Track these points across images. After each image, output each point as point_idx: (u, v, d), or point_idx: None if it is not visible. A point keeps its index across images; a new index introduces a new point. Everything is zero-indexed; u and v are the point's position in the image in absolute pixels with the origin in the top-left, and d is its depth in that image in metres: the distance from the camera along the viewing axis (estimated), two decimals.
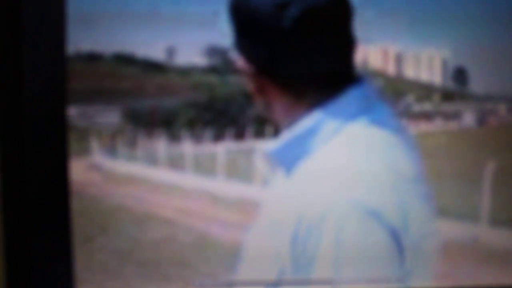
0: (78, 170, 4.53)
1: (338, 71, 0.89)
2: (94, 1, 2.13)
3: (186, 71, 3.49)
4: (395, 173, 0.85)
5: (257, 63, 0.91)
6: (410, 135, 0.92)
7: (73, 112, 4.00)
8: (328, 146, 0.89)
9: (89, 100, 3.61)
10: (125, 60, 3.25)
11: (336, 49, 0.89)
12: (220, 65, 3.31)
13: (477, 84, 3.74)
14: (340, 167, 0.87)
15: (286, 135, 0.90)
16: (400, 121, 0.91)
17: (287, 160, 0.93)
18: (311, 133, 0.90)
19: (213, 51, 2.66)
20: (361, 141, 0.88)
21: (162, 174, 5.10)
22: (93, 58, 2.98)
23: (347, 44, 0.91)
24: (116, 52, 2.99)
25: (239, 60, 0.90)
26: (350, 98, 0.89)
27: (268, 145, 0.92)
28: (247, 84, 0.92)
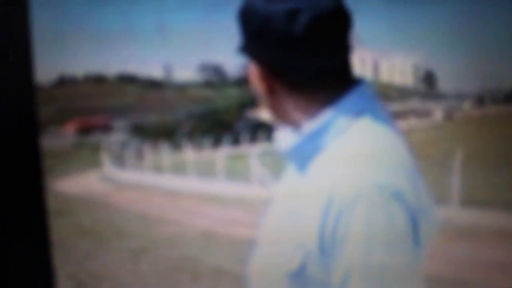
0: (92, 182, 4.53)
1: (340, 72, 0.88)
2: (96, 26, 2.14)
3: (183, 87, 3.53)
4: (404, 161, 0.85)
5: (269, 66, 0.89)
6: (399, 131, 0.91)
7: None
8: (341, 140, 0.87)
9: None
10: (128, 79, 3.28)
11: (338, 52, 0.89)
12: (214, 80, 3.34)
13: (444, 85, 3.83)
14: (357, 157, 0.85)
15: (301, 133, 0.88)
16: (392, 119, 0.90)
17: (300, 157, 0.91)
18: (322, 131, 0.88)
19: (207, 67, 2.67)
20: (371, 136, 0.86)
21: (167, 180, 5.12)
22: (99, 80, 3.01)
23: (347, 48, 0.90)
24: (119, 72, 3.01)
25: (249, 65, 0.88)
26: (355, 97, 0.88)
27: (283, 143, 0.90)
28: (255, 89, 0.91)
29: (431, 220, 0.86)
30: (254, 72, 0.91)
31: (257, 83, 0.91)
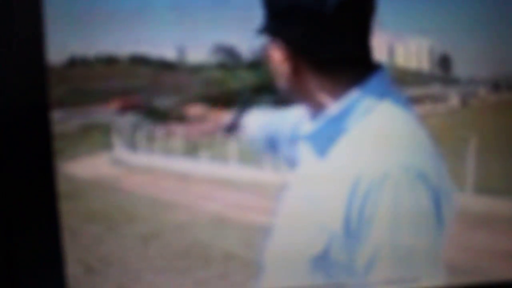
0: (102, 164, 4.51)
1: (363, 55, 0.91)
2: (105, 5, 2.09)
3: (197, 69, 3.47)
4: (426, 143, 0.88)
5: (296, 45, 0.92)
6: (417, 115, 0.94)
7: (94, 110, 3.96)
8: (365, 123, 0.90)
9: (109, 99, 3.61)
10: (140, 61, 3.23)
11: (363, 36, 0.92)
12: (228, 61, 3.29)
13: (459, 70, 3.75)
14: (382, 139, 0.88)
15: (326, 115, 0.91)
16: (409, 103, 0.93)
17: (322, 140, 0.93)
18: (346, 113, 0.91)
19: (221, 48, 2.62)
20: (394, 119, 0.89)
21: (179, 164, 5.12)
22: (111, 61, 2.96)
23: (369, 32, 0.94)
24: (131, 54, 2.97)
25: (270, 46, 0.91)
26: (377, 80, 0.91)
27: (302, 129, 0.93)
28: (276, 70, 0.93)
29: (452, 203, 0.90)
30: (276, 53, 0.95)
31: (280, 64, 0.95)
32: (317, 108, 0.93)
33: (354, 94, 0.87)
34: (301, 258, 0.94)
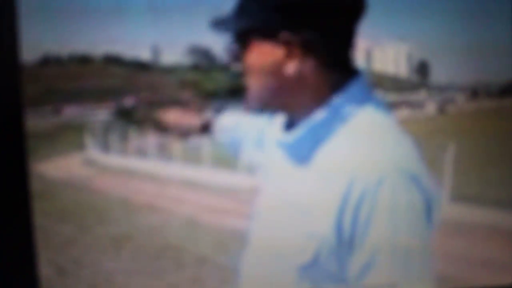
0: (75, 165, 4.50)
1: (350, 58, 0.90)
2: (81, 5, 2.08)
3: (171, 70, 3.45)
4: (413, 147, 0.87)
5: (314, 41, 0.88)
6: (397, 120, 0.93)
7: (67, 111, 3.92)
8: (349, 127, 0.88)
9: (82, 99, 3.60)
10: (114, 61, 3.21)
11: (354, 37, 0.90)
12: (203, 63, 3.27)
13: (437, 77, 3.74)
14: (369, 143, 0.86)
15: (306, 123, 0.88)
16: (389, 108, 0.91)
17: (302, 150, 0.91)
18: (331, 118, 0.89)
19: (196, 49, 2.61)
20: (379, 122, 0.87)
21: (152, 166, 5.12)
22: (84, 60, 2.95)
23: (356, 34, 0.92)
24: (105, 53, 2.96)
25: (272, 41, 0.86)
26: (358, 85, 0.88)
27: (282, 137, 0.90)
28: (266, 69, 0.88)
29: (439, 207, 0.88)
30: (274, 50, 0.89)
31: (279, 63, 0.89)
32: (296, 113, 0.90)
33: (338, 99, 0.85)
34: (287, 267, 0.90)
